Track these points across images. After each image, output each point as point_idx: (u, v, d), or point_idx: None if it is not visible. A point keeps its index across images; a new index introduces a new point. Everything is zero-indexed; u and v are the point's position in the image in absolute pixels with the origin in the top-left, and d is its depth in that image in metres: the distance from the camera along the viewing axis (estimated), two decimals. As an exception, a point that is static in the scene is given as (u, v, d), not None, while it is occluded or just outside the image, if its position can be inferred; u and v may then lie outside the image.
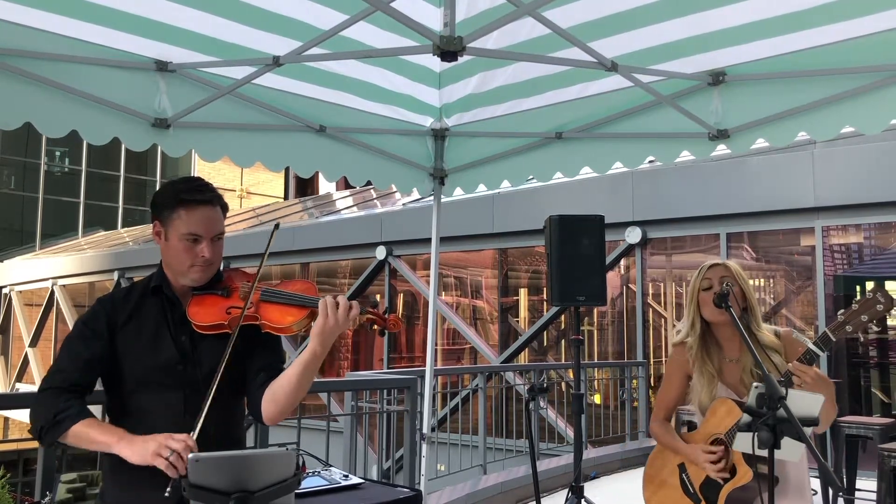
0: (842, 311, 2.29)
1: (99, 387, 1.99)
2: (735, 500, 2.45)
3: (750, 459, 2.38)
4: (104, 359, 1.86)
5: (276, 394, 1.87)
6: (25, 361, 20.78)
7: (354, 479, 2.57)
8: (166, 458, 1.61)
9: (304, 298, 1.90)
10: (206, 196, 1.92)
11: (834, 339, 2.27)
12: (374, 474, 6.44)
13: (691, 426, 2.75)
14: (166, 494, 1.57)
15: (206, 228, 1.90)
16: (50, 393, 1.79)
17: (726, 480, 2.46)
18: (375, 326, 1.91)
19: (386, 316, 1.92)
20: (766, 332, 2.56)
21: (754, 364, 2.42)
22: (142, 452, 1.66)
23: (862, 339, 7.96)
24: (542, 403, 8.87)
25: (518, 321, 11.22)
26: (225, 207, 2.00)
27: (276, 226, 2.03)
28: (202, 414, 1.74)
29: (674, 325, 9.54)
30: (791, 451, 2.04)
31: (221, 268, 2.03)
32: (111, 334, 1.87)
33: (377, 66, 3.10)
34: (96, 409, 2.55)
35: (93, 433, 1.74)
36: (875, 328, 2.29)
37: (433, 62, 3.19)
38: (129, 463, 1.80)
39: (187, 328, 1.91)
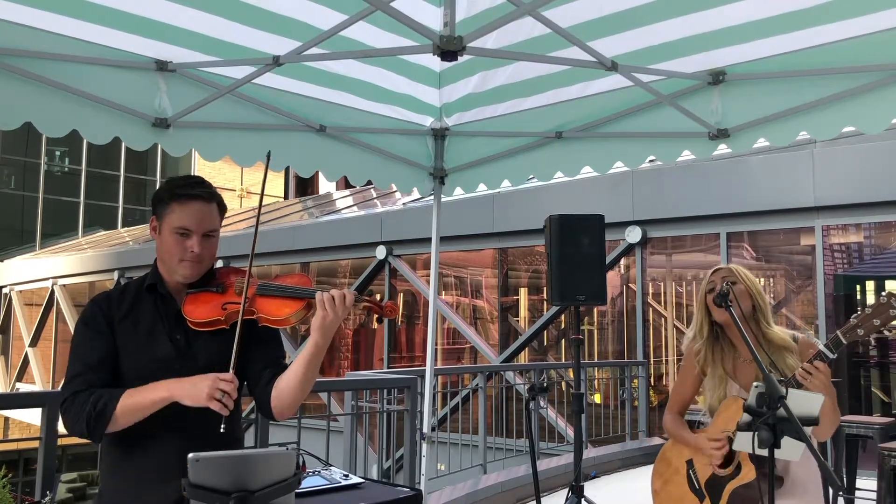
0: (854, 314, 2.27)
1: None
2: (739, 498, 2.47)
3: (756, 458, 2.40)
4: (112, 355, 1.87)
5: (283, 390, 1.90)
6: (25, 361, 20.77)
7: (354, 479, 2.57)
8: (219, 400, 1.72)
9: (299, 290, 1.92)
10: (198, 191, 1.93)
11: (845, 343, 2.26)
12: (374, 474, 6.44)
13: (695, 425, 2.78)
14: (221, 430, 1.74)
15: (196, 223, 1.91)
16: (75, 395, 1.79)
17: (731, 477, 2.48)
18: (374, 314, 1.94)
19: (382, 303, 1.94)
20: (781, 333, 2.57)
21: (770, 364, 2.42)
22: (196, 396, 1.74)
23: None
24: (542, 403, 8.87)
25: (518, 321, 11.21)
26: (222, 206, 2.00)
27: (268, 154, 2.18)
28: (234, 356, 1.81)
29: (674, 325, 9.54)
30: (791, 451, 2.04)
31: (217, 266, 2.04)
32: (111, 330, 1.88)
33: (377, 65, 3.10)
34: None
35: (143, 398, 1.76)
36: (887, 333, 2.27)
37: (433, 62, 3.19)
38: (127, 463, 1.83)
39: (182, 326, 1.92)
